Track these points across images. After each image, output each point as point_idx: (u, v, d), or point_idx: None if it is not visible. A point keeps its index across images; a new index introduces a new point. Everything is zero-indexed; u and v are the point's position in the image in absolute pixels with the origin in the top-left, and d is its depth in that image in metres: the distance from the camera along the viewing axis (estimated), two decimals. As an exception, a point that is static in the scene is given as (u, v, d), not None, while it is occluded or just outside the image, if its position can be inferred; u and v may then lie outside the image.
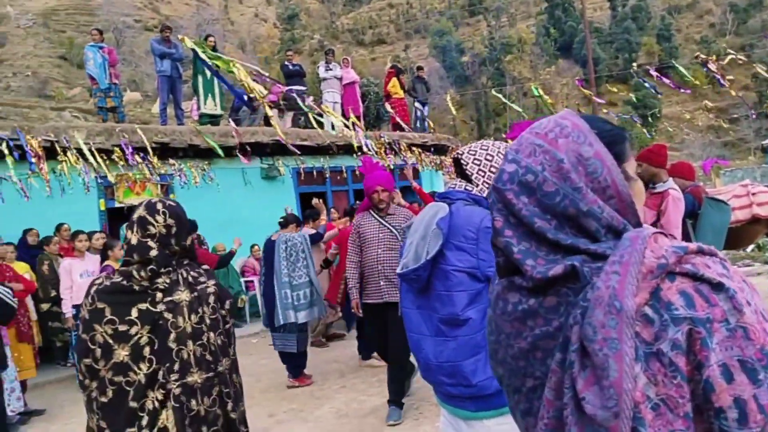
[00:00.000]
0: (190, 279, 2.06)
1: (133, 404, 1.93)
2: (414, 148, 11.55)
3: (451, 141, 14.21)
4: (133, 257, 2.00)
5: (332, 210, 8.80)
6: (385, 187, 4.66)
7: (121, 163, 7.70)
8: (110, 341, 1.93)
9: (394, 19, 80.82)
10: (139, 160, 7.66)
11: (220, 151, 7.08)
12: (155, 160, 7.86)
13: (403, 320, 2.29)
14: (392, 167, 11.43)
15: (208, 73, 8.75)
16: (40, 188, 7.25)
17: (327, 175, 10.94)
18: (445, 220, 2.07)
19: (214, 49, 10.81)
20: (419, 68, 14.42)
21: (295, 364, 5.95)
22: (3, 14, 57.62)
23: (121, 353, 1.93)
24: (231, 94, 8.44)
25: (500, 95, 13.45)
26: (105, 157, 7.52)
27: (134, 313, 1.95)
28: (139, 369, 1.94)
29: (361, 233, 4.78)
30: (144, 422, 1.94)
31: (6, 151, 6.73)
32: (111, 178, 8.03)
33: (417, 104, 13.37)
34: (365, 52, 71.50)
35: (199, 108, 10.43)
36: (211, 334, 2.04)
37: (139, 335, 1.95)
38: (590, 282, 0.86)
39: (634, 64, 28.68)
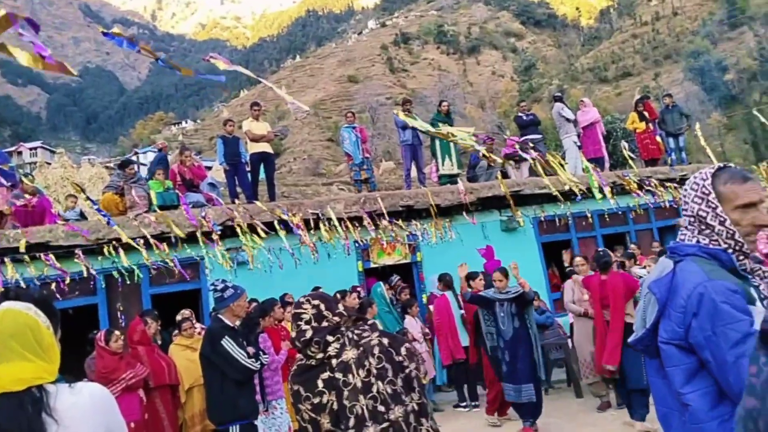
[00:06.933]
0: (355, 337, 2.28)
1: None
2: (668, 184, 10.44)
3: (717, 171, 12.47)
4: (295, 344, 2.32)
5: (577, 259, 8.27)
6: None
7: (371, 227, 8.47)
8: (313, 414, 2.20)
9: (639, 49, 76.17)
10: (386, 224, 8.32)
11: (434, 211, 7.26)
12: (401, 222, 8.45)
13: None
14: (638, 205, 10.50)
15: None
16: (307, 255, 8.37)
17: (570, 222, 10.47)
18: (660, 283, 1.76)
19: (448, 113, 11.48)
20: (667, 96, 13.17)
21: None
22: (285, 110, 69.36)
23: (324, 422, 2.19)
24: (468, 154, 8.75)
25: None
26: (356, 225, 8.35)
27: (320, 384, 2.21)
28: (341, 429, 2.17)
29: None
30: None
31: (278, 227, 7.96)
32: (366, 242, 8.90)
33: (663, 136, 12.12)
34: (609, 88, 68.15)
35: (437, 169, 11.01)
36: (379, 384, 2.16)
37: (330, 402, 2.19)
38: None
39: None
